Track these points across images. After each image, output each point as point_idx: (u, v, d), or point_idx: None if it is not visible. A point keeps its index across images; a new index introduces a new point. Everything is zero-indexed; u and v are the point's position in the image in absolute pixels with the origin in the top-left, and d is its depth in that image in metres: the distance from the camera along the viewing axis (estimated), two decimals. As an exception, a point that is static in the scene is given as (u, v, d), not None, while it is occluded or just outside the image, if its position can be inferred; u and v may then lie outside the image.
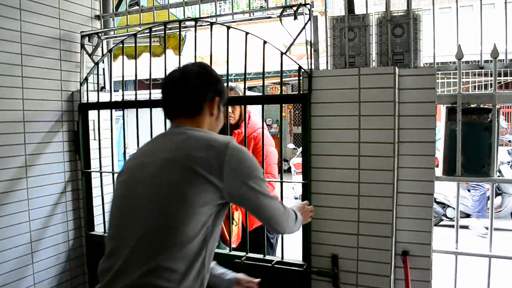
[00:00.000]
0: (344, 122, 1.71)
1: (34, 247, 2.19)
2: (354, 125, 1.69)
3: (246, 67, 1.86)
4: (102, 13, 2.54)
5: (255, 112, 2.38)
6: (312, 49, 1.81)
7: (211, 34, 1.95)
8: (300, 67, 1.76)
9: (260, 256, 1.86)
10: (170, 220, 1.06)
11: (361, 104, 1.68)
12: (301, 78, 1.78)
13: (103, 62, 2.53)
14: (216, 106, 1.27)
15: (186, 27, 2.16)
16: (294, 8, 1.80)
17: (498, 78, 2.92)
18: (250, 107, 2.26)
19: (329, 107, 1.73)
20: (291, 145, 8.45)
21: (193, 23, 2.02)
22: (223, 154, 1.11)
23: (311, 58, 1.80)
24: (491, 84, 2.37)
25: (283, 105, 2.70)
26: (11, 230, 2.07)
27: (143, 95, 2.30)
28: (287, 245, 1.86)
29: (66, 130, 2.37)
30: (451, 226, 5.13)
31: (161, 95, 1.26)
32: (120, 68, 2.20)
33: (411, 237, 1.73)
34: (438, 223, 5.37)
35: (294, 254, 1.89)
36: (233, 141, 1.16)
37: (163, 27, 2.07)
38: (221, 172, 1.10)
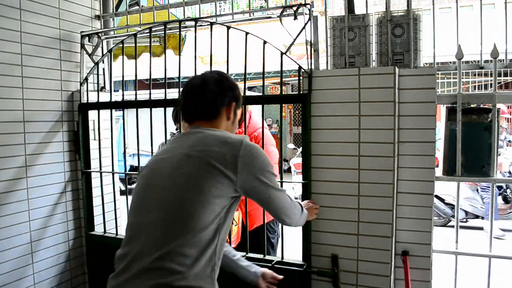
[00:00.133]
0: (344, 122, 1.71)
1: (34, 247, 2.19)
2: (354, 125, 1.69)
3: (246, 67, 1.86)
4: (102, 13, 2.54)
5: (256, 112, 2.38)
6: (312, 49, 1.81)
7: (211, 34, 1.95)
8: (300, 67, 1.76)
9: (260, 256, 1.86)
10: (186, 209, 1.13)
11: (361, 104, 1.68)
12: (301, 78, 1.78)
13: (103, 62, 2.53)
14: (233, 111, 1.36)
15: (186, 27, 2.17)
16: (294, 8, 1.80)
17: (498, 78, 2.92)
18: (251, 107, 2.26)
19: (329, 107, 1.73)
20: (291, 145, 8.46)
21: (193, 23, 2.02)
22: (238, 150, 1.19)
23: (311, 58, 1.80)
24: (491, 84, 2.37)
25: (283, 105, 2.70)
26: (11, 230, 2.07)
27: (143, 95, 2.30)
28: (287, 245, 1.86)
29: (66, 130, 2.37)
30: (461, 227, 5.16)
31: (182, 100, 1.35)
32: (120, 68, 2.20)
33: (411, 237, 1.73)
34: (447, 224, 5.40)
35: (294, 254, 1.89)
36: (247, 139, 1.25)
37: (163, 27, 2.07)
38: (235, 166, 1.18)
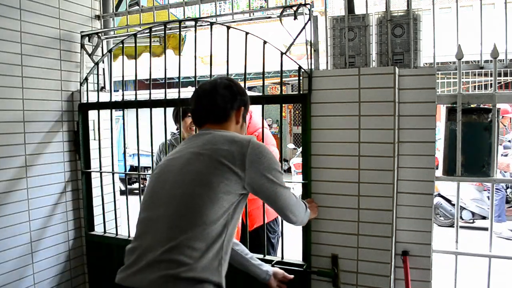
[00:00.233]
0: (344, 122, 1.71)
1: (34, 247, 2.19)
2: (354, 125, 1.69)
3: (246, 67, 1.86)
4: (102, 13, 2.54)
5: (256, 112, 2.38)
6: (312, 49, 1.81)
7: (211, 34, 1.95)
8: (300, 67, 1.76)
9: (260, 256, 1.86)
10: (195, 203, 1.17)
11: (361, 104, 1.68)
12: (301, 78, 1.78)
13: (103, 62, 2.53)
14: (241, 115, 1.41)
15: (186, 27, 2.17)
16: (294, 8, 1.80)
17: (498, 78, 2.92)
18: (251, 107, 2.26)
19: (329, 107, 1.73)
20: (291, 145, 8.46)
21: (193, 23, 2.02)
22: (246, 148, 1.24)
23: (311, 58, 1.80)
24: (491, 84, 2.37)
25: (283, 105, 2.70)
26: (11, 230, 2.07)
27: (143, 95, 2.30)
28: (287, 245, 1.86)
29: (66, 130, 2.37)
30: (467, 228, 5.25)
31: (193, 105, 1.40)
32: (120, 68, 2.20)
33: (411, 237, 1.73)
34: (453, 225, 5.37)
35: (294, 254, 1.89)
36: (254, 138, 1.29)
37: (163, 27, 2.07)
38: (243, 164, 1.22)
